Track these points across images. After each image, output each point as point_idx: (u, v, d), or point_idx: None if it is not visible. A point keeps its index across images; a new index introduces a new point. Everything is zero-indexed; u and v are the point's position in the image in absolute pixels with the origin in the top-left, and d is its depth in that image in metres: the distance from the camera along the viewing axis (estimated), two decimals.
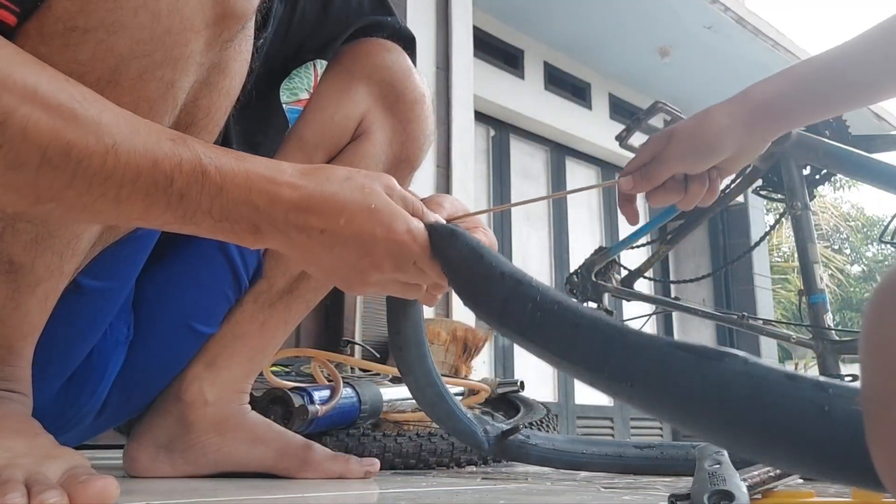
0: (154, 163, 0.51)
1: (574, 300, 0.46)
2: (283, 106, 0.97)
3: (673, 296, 2.24)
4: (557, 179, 5.03)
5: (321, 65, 0.96)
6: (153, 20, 0.55)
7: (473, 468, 1.18)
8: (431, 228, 0.61)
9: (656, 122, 1.97)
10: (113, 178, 0.49)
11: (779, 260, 10.15)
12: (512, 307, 0.49)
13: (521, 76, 4.62)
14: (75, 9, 0.53)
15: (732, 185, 1.98)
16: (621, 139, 2.00)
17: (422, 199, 0.80)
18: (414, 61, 0.93)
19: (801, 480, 0.66)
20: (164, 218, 0.53)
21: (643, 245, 2.27)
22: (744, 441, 0.33)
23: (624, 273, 2.11)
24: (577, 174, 5.20)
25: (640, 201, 0.86)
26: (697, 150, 0.80)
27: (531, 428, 1.29)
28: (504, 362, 4.26)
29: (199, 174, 0.52)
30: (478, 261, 0.55)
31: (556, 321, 0.44)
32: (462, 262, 0.57)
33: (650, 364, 0.36)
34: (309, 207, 0.56)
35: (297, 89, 0.96)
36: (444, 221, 0.63)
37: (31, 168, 0.47)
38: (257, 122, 0.93)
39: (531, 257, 4.78)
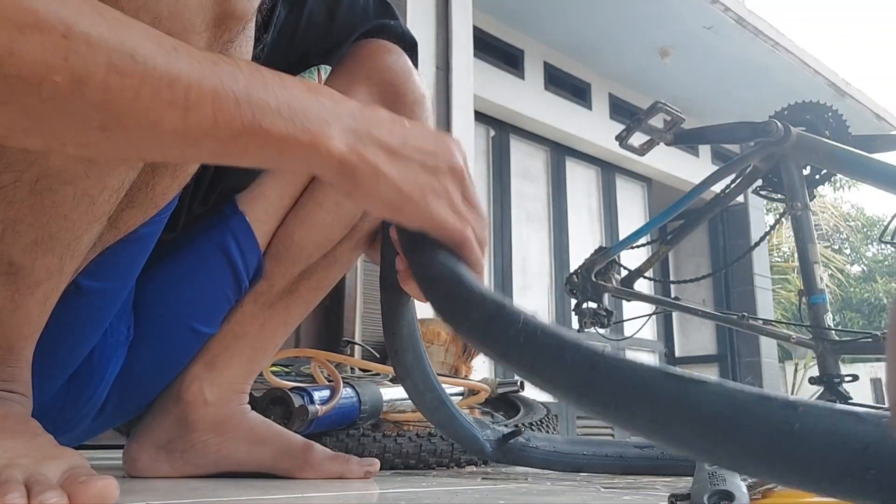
0: (214, 62, 0.49)
1: (555, 325, 0.47)
2: None
3: (673, 296, 2.24)
4: (557, 180, 5.03)
5: (325, 70, 0.96)
6: (154, 22, 0.55)
7: (473, 468, 1.18)
8: (413, 243, 0.61)
9: (656, 122, 1.97)
10: (180, 80, 0.47)
11: (779, 260, 10.15)
12: (495, 330, 0.49)
13: (521, 76, 4.62)
14: None
15: (732, 185, 1.98)
16: (621, 139, 2.00)
17: None
18: (416, 65, 0.93)
19: None
20: (233, 126, 0.49)
21: (643, 245, 2.28)
22: (721, 458, 0.36)
23: (624, 273, 2.11)
24: (577, 174, 5.20)
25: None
26: None
27: (531, 428, 1.29)
28: None
29: (257, 71, 0.51)
30: (458, 283, 0.55)
31: (539, 345, 0.45)
32: (442, 280, 0.57)
33: (633, 387, 0.39)
34: (375, 107, 0.58)
35: None
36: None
37: (97, 78, 0.45)
38: None
39: (531, 257, 4.78)
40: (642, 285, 2.15)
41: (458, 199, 0.60)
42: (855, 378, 1.66)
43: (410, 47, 0.94)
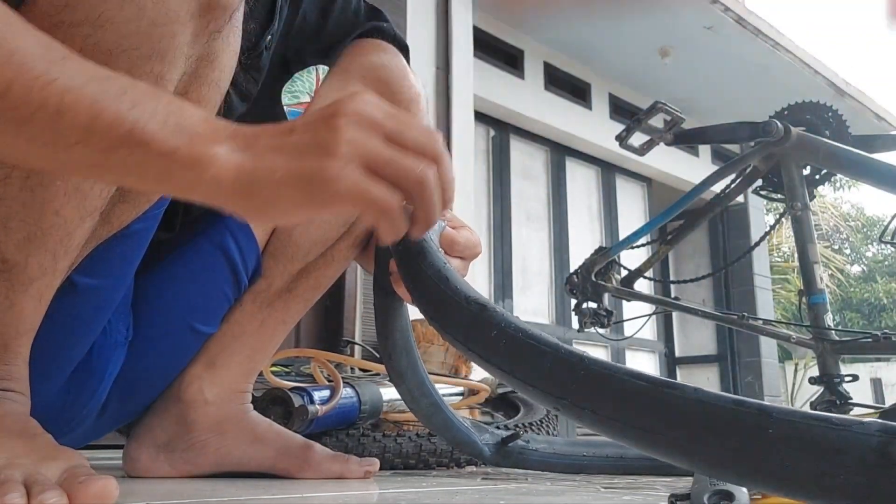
0: (107, 75, 0.47)
1: (537, 330, 0.46)
2: (285, 108, 0.97)
3: (673, 296, 2.24)
4: (557, 180, 5.03)
5: (323, 70, 0.96)
6: (139, 13, 0.55)
7: (473, 468, 1.18)
8: (400, 246, 0.60)
9: (656, 122, 1.97)
10: (56, 83, 0.45)
11: (779, 260, 10.15)
12: (477, 332, 0.49)
13: (521, 76, 4.62)
14: (60, 4, 0.53)
15: (732, 185, 1.98)
16: (621, 139, 2.00)
17: None
18: None
19: None
20: (109, 135, 0.46)
21: (643, 245, 2.27)
22: (696, 461, 0.36)
23: (624, 273, 2.11)
24: (577, 174, 5.20)
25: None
26: None
27: (531, 428, 1.29)
28: None
29: (152, 90, 0.48)
30: (444, 283, 0.55)
31: (520, 348, 0.45)
32: (428, 282, 0.56)
33: (611, 392, 0.39)
34: (263, 126, 0.51)
35: (298, 92, 0.96)
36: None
37: None
38: (260, 120, 0.93)
39: (531, 257, 4.78)
40: (642, 285, 2.15)
41: (376, 149, 0.49)
42: (855, 378, 1.66)
43: (402, 50, 0.95)
